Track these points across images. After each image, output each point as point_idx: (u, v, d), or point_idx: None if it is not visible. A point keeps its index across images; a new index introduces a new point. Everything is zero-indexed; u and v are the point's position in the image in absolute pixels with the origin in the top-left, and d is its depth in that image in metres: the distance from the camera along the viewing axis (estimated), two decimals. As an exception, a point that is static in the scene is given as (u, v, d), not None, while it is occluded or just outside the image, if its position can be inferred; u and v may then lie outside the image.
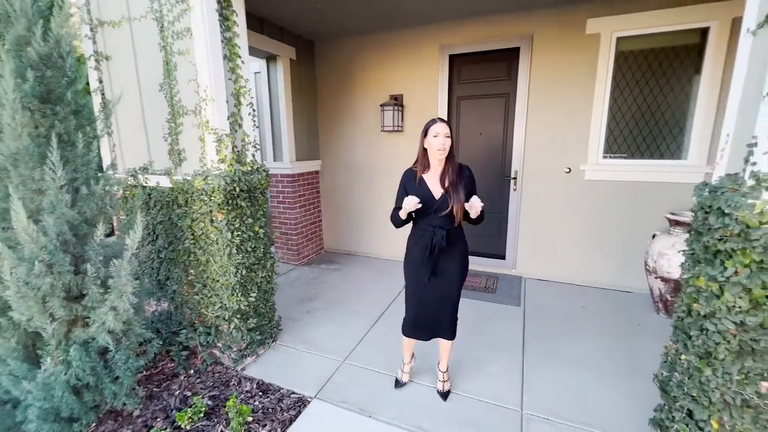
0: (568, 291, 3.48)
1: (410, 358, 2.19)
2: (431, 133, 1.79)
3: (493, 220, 3.91)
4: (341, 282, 3.81)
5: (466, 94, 3.78)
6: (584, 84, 3.25)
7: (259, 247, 2.38)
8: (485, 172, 3.84)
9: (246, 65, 2.24)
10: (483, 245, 4.02)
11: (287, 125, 3.94)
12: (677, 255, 2.75)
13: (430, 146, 1.82)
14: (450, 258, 1.88)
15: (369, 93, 4.10)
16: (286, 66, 3.83)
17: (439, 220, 1.82)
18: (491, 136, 3.76)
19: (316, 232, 4.60)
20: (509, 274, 3.86)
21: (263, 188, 2.36)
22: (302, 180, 4.24)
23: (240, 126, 2.24)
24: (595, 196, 3.39)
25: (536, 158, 3.54)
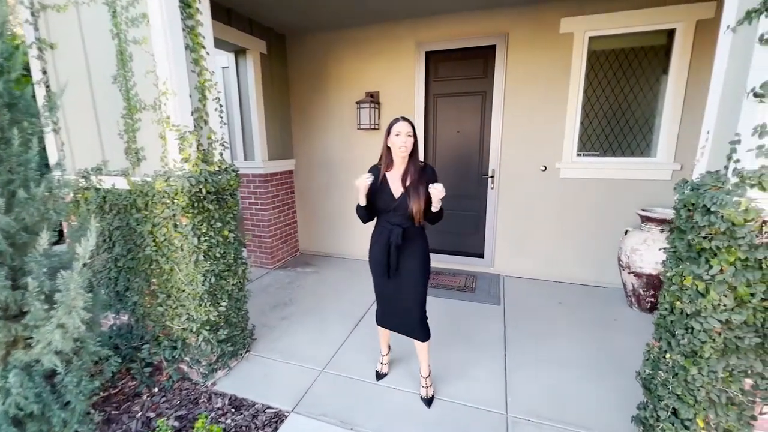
0: (545, 287, 3.52)
1: (387, 350, 2.25)
2: (393, 132, 1.80)
3: (471, 219, 3.90)
4: (318, 285, 3.67)
5: (443, 92, 3.73)
6: (559, 83, 3.28)
7: (229, 252, 2.22)
8: (463, 171, 3.82)
9: (211, 57, 2.07)
10: (461, 244, 4.01)
11: (258, 123, 3.75)
12: (649, 250, 2.83)
13: (392, 144, 1.82)
14: (409, 256, 1.89)
15: (344, 90, 3.98)
16: (256, 60, 3.64)
17: (398, 218, 1.85)
18: (468, 134, 3.74)
19: (291, 233, 4.44)
20: (488, 273, 3.86)
21: (233, 189, 2.20)
22: (275, 180, 4.07)
23: (206, 122, 2.08)
24: (569, 193, 3.44)
25: (513, 156, 3.55)
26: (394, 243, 1.81)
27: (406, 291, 1.93)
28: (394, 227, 1.84)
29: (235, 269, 2.29)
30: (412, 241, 1.88)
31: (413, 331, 1.99)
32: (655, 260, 2.79)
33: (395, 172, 1.89)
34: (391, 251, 1.83)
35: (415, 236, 1.90)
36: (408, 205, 1.80)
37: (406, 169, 1.86)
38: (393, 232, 1.83)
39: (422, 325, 1.98)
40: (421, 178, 1.84)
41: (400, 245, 1.83)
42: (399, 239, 1.81)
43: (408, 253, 1.88)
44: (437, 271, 3.91)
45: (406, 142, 1.79)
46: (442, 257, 4.02)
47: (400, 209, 1.83)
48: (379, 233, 1.93)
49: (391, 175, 1.89)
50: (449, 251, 4.04)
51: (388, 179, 1.88)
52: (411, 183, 1.83)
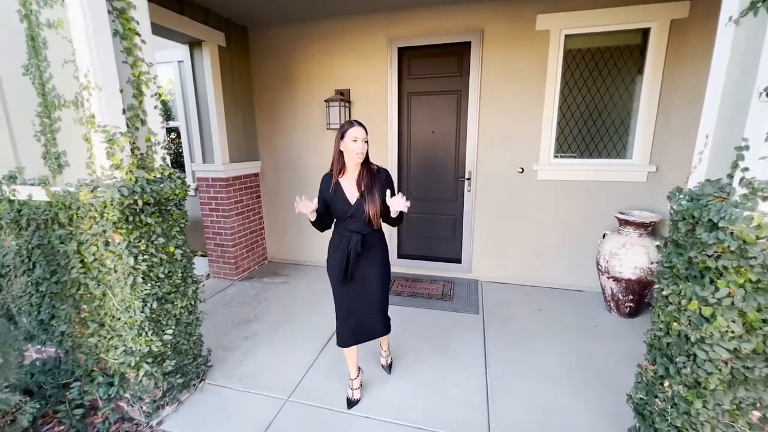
0: (524, 293, 3.41)
1: (357, 373, 2.10)
2: (349, 137, 1.75)
3: (447, 223, 3.75)
4: (287, 297, 3.41)
5: (417, 90, 3.55)
6: (535, 82, 3.17)
7: (175, 271, 1.93)
8: (439, 173, 3.66)
9: (149, 46, 1.78)
10: (438, 249, 3.85)
11: (218, 122, 3.43)
12: (628, 255, 2.76)
13: (347, 150, 1.78)
14: (369, 262, 1.87)
15: (313, 88, 3.72)
16: (213, 54, 3.32)
17: (355, 225, 1.82)
18: (444, 134, 3.58)
19: (257, 241, 4.13)
20: (465, 278, 3.73)
21: (179, 199, 1.92)
22: (238, 184, 3.75)
23: (143, 122, 1.78)
24: (547, 196, 3.35)
25: (490, 158, 3.42)
26: (354, 250, 1.78)
27: (368, 299, 1.90)
28: (353, 234, 1.81)
29: (184, 290, 2.00)
30: (371, 249, 1.86)
31: (378, 332, 2.00)
32: (634, 265, 2.72)
33: (349, 178, 1.85)
34: (351, 258, 1.79)
35: (374, 243, 1.88)
36: (365, 210, 1.78)
37: (360, 173, 1.82)
38: (352, 239, 1.79)
39: (385, 327, 2.01)
40: (376, 182, 1.81)
41: (360, 252, 1.80)
42: (359, 246, 1.78)
43: (368, 262, 1.86)
44: (414, 278, 3.74)
45: (363, 148, 1.76)
46: (419, 263, 3.85)
47: (357, 215, 1.80)
48: (338, 241, 1.87)
49: (345, 180, 1.85)
50: (426, 257, 3.87)
51: (342, 185, 1.84)
52: (366, 187, 1.80)
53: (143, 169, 1.80)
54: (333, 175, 1.86)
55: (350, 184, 1.83)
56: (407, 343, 2.64)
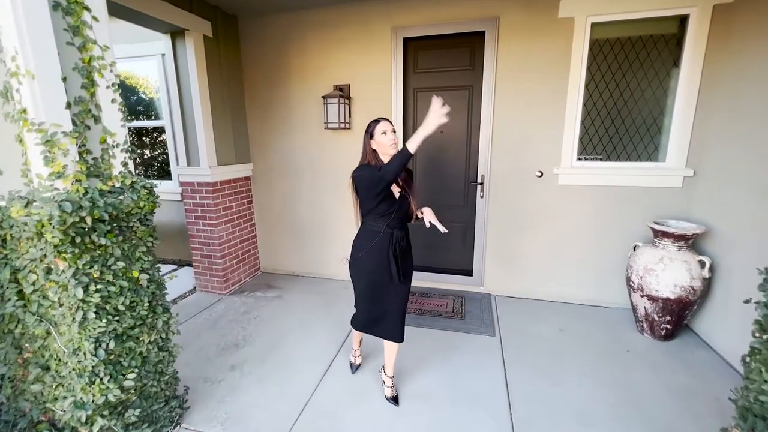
0: (543, 310, 3.09)
1: (359, 344, 2.27)
2: (378, 131, 1.78)
3: (457, 232, 3.42)
4: (281, 314, 3.07)
5: (425, 86, 3.22)
6: (557, 76, 2.84)
7: (140, 301, 1.59)
8: (448, 177, 3.33)
9: (103, 25, 1.44)
10: (448, 260, 3.52)
11: (203, 121, 3.09)
12: (666, 271, 2.43)
13: (380, 145, 1.79)
14: (407, 256, 1.92)
15: (309, 83, 3.38)
16: (198, 44, 2.98)
17: (396, 221, 1.82)
18: (454, 134, 3.25)
19: (249, 251, 3.79)
20: (478, 292, 3.39)
21: (145, 213, 1.58)
22: (227, 189, 3.41)
23: (96, 119, 1.44)
24: (569, 202, 3.02)
25: (505, 161, 3.09)
26: (399, 246, 1.82)
27: (400, 292, 1.90)
28: (394, 230, 1.82)
29: (152, 322, 1.66)
30: (408, 244, 1.93)
31: (393, 333, 1.93)
32: (673, 283, 2.40)
33: None
34: (398, 255, 1.81)
35: (408, 238, 1.94)
36: (408, 204, 1.82)
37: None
38: (396, 235, 1.81)
39: (401, 325, 1.94)
40: (412, 176, 1.92)
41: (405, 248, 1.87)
42: (404, 241, 1.85)
43: (406, 255, 1.91)
44: (421, 293, 3.40)
45: (394, 138, 1.77)
46: (426, 275, 3.52)
47: (401, 211, 1.82)
48: (372, 239, 1.83)
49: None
50: (434, 268, 3.54)
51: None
52: (404, 182, 1.85)
53: (97, 177, 1.46)
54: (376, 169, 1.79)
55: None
56: (416, 371, 2.31)
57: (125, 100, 4.28)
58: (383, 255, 1.80)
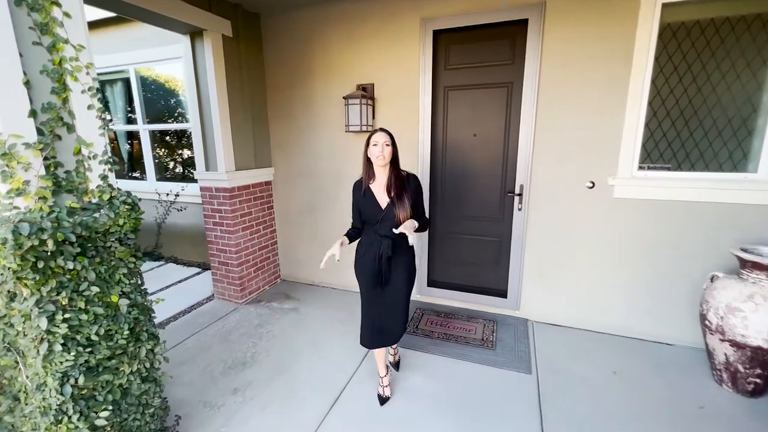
0: (590, 342, 2.64)
1: (386, 371, 2.15)
2: (371, 142, 1.82)
3: (491, 247, 3.04)
4: (294, 330, 2.88)
5: (457, 84, 2.88)
6: (615, 69, 2.39)
7: (120, 328, 1.43)
8: (481, 186, 2.96)
9: (78, 21, 1.28)
10: (478, 278, 3.15)
11: (221, 124, 2.97)
12: (758, 312, 1.92)
13: (371, 155, 1.84)
14: (397, 265, 1.91)
15: (331, 82, 3.16)
16: (216, 44, 2.86)
17: (385, 229, 1.84)
18: (489, 138, 2.87)
19: (269, 258, 3.66)
20: (512, 317, 3.00)
21: (125, 231, 1.42)
22: (246, 194, 3.28)
23: (69, 128, 1.29)
24: (626, 218, 2.55)
25: (549, 168, 2.68)
26: (385, 254, 1.83)
27: (394, 301, 1.95)
28: (383, 239, 1.85)
29: (134, 351, 1.50)
30: (399, 253, 1.89)
31: (396, 339, 2.04)
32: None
33: (379, 183, 1.90)
34: (383, 263, 1.84)
35: (403, 247, 1.91)
36: (395, 214, 1.82)
37: (388, 178, 1.87)
38: (383, 244, 1.84)
39: (403, 330, 2.06)
40: (405, 187, 1.87)
41: (390, 256, 1.85)
42: (389, 250, 1.83)
43: (396, 264, 1.91)
44: (447, 314, 3.07)
45: (383, 152, 1.80)
46: (454, 294, 3.18)
47: (387, 219, 1.84)
48: (368, 246, 1.93)
49: (375, 186, 1.91)
50: (463, 287, 3.19)
51: (372, 191, 1.90)
52: (396, 193, 1.84)
53: (71, 192, 1.30)
54: (363, 182, 1.92)
55: (380, 190, 1.88)
56: (435, 415, 1.99)
57: (165, 103, 4.41)
58: (372, 262, 1.87)
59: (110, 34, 4.14)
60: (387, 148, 1.79)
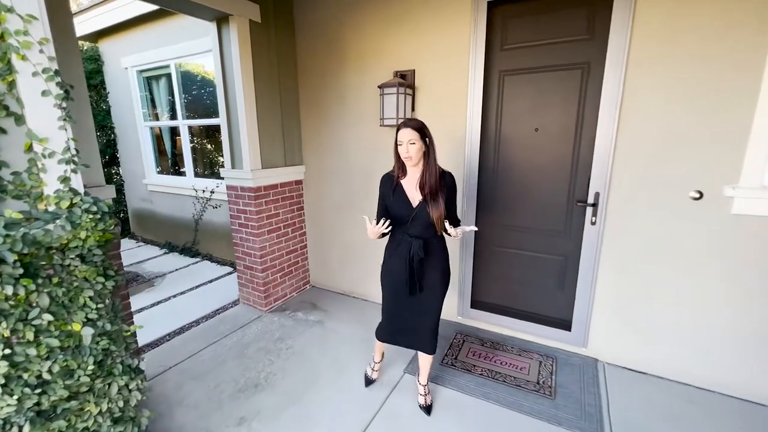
0: (693, 405, 2.00)
1: (380, 357, 2.16)
2: (398, 141, 1.66)
3: (551, 267, 2.49)
4: (316, 348, 2.57)
5: (515, 67, 2.36)
6: (741, 44, 1.74)
7: (83, 362, 1.18)
8: (542, 192, 2.42)
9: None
10: (534, 302, 2.61)
11: (246, 118, 2.73)
12: None
13: (400, 154, 1.68)
14: (430, 268, 1.77)
15: (366, 69, 2.79)
16: (242, 30, 2.61)
17: (416, 230, 1.72)
18: (555, 134, 2.32)
19: (297, 263, 3.40)
20: (577, 355, 2.43)
21: (91, 246, 1.16)
22: (273, 194, 3.04)
23: (17, 119, 1.05)
24: (749, 242, 1.88)
25: (637, 173, 2.08)
26: (417, 257, 1.69)
27: (425, 305, 1.81)
28: (413, 239, 1.71)
29: (104, 388, 1.25)
30: (432, 254, 1.75)
31: (423, 345, 1.87)
32: None
33: (410, 179, 1.74)
34: (415, 266, 1.71)
35: (436, 248, 1.78)
36: (428, 213, 1.65)
37: (422, 175, 1.69)
38: (413, 245, 1.70)
39: (433, 338, 1.86)
40: (440, 184, 1.68)
41: (423, 259, 1.71)
42: (421, 251, 1.69)
43: (428, 267, 1.76)
44: (493, 343, 2.57)
45: (408, 151, 1.64)
46: (502, 320, 2.67)
47: (419, 219, 1.69)
48: (396, 246, 1.79)
49: (407, 182, 1.75)
50: (514, 312, 2.67)
51: (404, 187, 1.75)
52: (429, 190, 1.66)
53: (19, 198, 1.06)
54: (394, 177, 1.76)
55: (412, 187, 1.73)
56: None
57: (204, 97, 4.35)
58: (402, 265, 1.75)
59: (152, 30, 4.15)
60: (412, 146, 1.62)
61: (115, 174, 5.30)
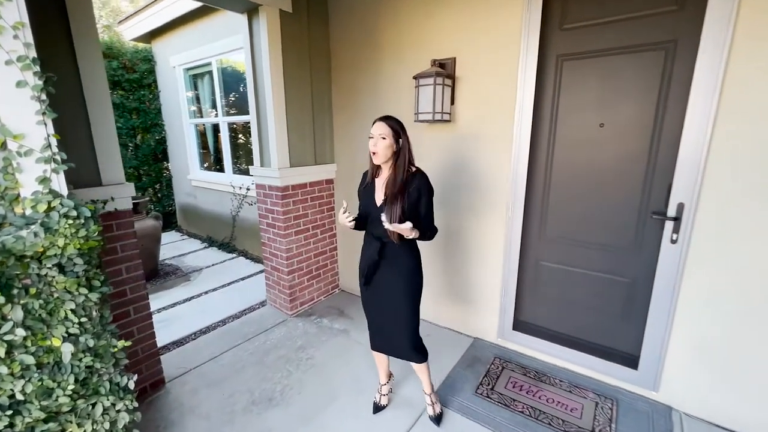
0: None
1: (386, 378, 2.00)
2: (369, 134, 1.61)
3: (615, 290, 2.07)
4: (337, 361, 2.39)
5: (577, 50, 1.97)
6: None
7: (63, 381, 1.07)
8: (605, 200, 2.01)
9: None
10: (591, 330, 2.21)
11: (273, 113, 2.60)
12: None
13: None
14: (391, 273, 1.69)
15: (402, 59, 2.53)
16: (272, 21, 2.48)
17: (379, 230, 1.63)
18: (625, 130, 1.91)
19: (326, 266, 3.25)
20: (645, 399, 2.00)
21: (72, 254, 1.04)
22: (302, 193, 2.90)
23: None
24: None
25: (739, 182, 1.62)
26: (371, 258, 1.66)
27: (394, 314, 1.73)
28: (373, 240, 1.68)
29: (87, 408, 1.14)
30: (395, 258, 1.67)
31: (407, 354, 1.77)
32: None
33: (382, 179, 1.69)
34: (369, 265, 1.67)
35: (398, 253, 1.67)
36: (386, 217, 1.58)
37: (389, 175, 1.63)
38: (372, 245, 1.67)
39: (415, 350, 1.76)
40: (403, 188, 1.58)
41: (379, 261, 1.66)
42: (376, 254, 1.65)
43: (391, 272, 1.68)
44: (537, 374, 2.21)
45: (375, 145, 1.58)
46: (553, 347, 2.29)
47: (379, 220, 1.58)
48: (367, 243, 1.74)
49: (379, 180, 1.70)
50: (566, 338, 2.28)
51: (375, 185, 1.70)
52: (390, 191, 1.59)
53: (-8, 200, 0.95)
54: (369, 174, 1.73)
55: (381, 186, 1.67)
56: None
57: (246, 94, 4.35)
58: (363, 261, 1.73)
59: (197, 28, 4.21)
60: (382, 141, 1.56)
61: (164, 169, 5.55)
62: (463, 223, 2.49)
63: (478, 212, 2.40)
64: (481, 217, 2.40)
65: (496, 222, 2.34)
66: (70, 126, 1.67)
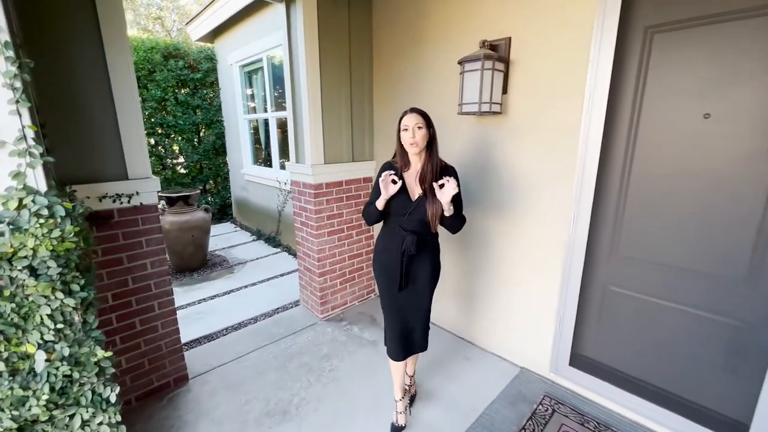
0: None
1: (402, 394, 1.84)
2: (402, 126, 1.58)
3: (715, 333, 1.58)
4: (361, 376, 2.19)
5: (672, 18, 1.51)
6: None
7: (37, 390, 1.00)
8: (704, 212, 1.53)
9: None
10: (678, 380, 1.72)
11: (309, 107, 2.46)
12: None
13: (403, 141, 1.60)
14: (420, 264, 1.67)
15: (449, 42, 2.23)
16: (309, 8, 2.33)
17: (412, 224, 1.62)
18: (741, 123, 1.41)
19: (362, 269, 3.07)
20: (751, 482, 1.49)
21: (45, 257, 0.96)
22: (337, 192, 2.74)
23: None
24: None
25: None
26: (408, 252, 1.59)
27: (416, 302, 1.71)
28: (407, 234, 1.60)
29: (63, 420, 1.07)
30: (424, 250, 1.65)
31: (420, 345, 1.79)
32: None
33: (412, 172, 1.65)
34: (405, 261, 1.61)
35: (429, 244, 1.68)
36: (426, 209, 1.57)
37: (423, 167, 1.61)
38: (407, 240, 1.60)
39: (425, 337, 1.79)
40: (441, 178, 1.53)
41: (415, 255, 1.61)
42: (413, 247, 1.59)
43: (419, 262, 1.66)
44: (601, 422, 1.79)
45: (414, 137, 1.55)
46: (622, 395, 1.85)
47: (416, 214, 1.60)
48: (389, 240, 1.67)
49: (408, 175, 1.66)
50: (643, 386, 1.82)
51: (405, 179, 1.63)
52: (430, 185, 1.56)
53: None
54: (397, 167, 1.65)
55: (413, 180, 1.63)
56: None
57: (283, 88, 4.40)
58: (392, 260, 1.64)
59: (250, 24, 4.27)
60: (419, 131, 1.55)
61: (223, 163, 5.82)
62: (510, 230, 2.12)
63: (529, 220, 2.03)
64: (534, 225, 2.01)
65: (553, 232, 1.94)
66: (98, 121, 1.67)
